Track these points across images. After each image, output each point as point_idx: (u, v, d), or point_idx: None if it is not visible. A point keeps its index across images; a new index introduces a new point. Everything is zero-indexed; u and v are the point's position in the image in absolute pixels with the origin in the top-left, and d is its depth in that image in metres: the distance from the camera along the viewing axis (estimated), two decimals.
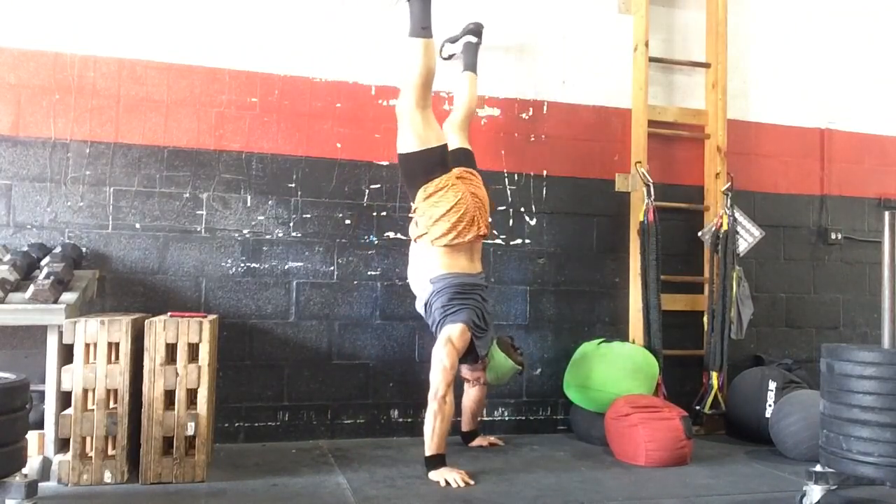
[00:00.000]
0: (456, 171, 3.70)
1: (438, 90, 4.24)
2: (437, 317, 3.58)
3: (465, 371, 3.86)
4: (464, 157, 3.86)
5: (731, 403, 4.34)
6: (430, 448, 3.35)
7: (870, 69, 5.13)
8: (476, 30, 4.22)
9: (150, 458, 3.12)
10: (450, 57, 4.27)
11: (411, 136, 3.59)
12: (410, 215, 3.80)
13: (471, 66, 4.18)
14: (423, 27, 3.54)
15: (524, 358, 3.97)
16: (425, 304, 3.67)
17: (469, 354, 3.60)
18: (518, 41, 4.44)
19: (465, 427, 3.99)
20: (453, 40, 4.24)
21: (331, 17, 4.14)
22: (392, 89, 4.18)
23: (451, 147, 3.79)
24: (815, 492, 2.91)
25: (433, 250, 3.66)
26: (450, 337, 3.47)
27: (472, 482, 3.23)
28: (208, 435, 3.28)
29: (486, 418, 4.21)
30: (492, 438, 4.03)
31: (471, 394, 3.96)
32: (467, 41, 4.21)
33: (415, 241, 3.77)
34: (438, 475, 3.27)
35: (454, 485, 3.19)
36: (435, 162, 3.61)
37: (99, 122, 3.81)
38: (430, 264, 3.68)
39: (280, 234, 4.02)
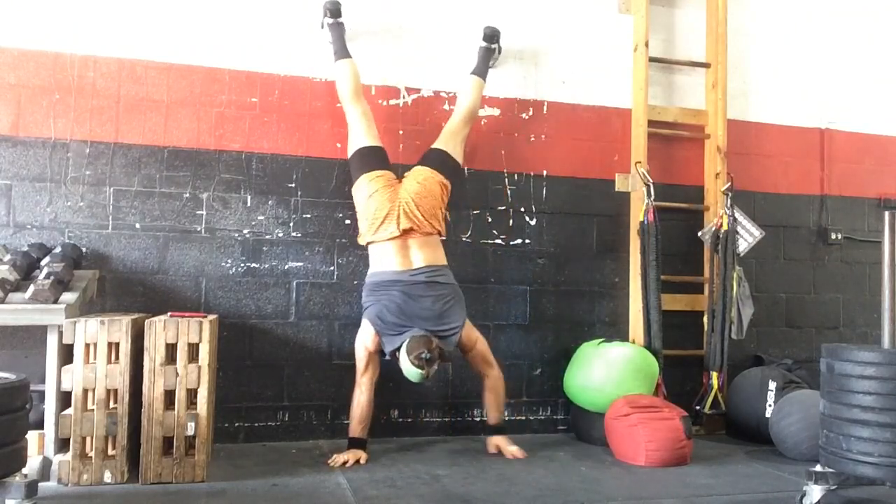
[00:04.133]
0: (380, 171, 3.81)
1: (438, 90, 4.26)
2: None
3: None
4: (431, 157, 3.94)
5: (731, 403, 4.34)
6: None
7: (870, 69, 5.13)
8: (488, 34, 4.24)
9: (150, 458, 3.12)
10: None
11: (350, 142, 3.95)
12: None
13: (478, 70, 4.20)
14: (335, 52, 4.01)
15: (432, 366, 3.45)
16: None
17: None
18: (518, 41, 4.43)
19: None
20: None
21: None
22: (392, 89, 4.18)
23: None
24: (815, 492, 2.91)
25: (369, 250, 3.85)
26: (360, 331, 3.70)
27: (360, 462, 3.49)
28: (208, 435, 3.28)
29: (486, 418, 4.21)
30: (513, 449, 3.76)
31: (484, 385, 3.88)
32: (480, 45, 4.25)
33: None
34: (342, 456, 3.50)
35: (348, 462, 3.46)
36: (355, 166, 3.88)
37: (99, 122, 3.81)
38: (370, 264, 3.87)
39: (280, 234, 4.02)
